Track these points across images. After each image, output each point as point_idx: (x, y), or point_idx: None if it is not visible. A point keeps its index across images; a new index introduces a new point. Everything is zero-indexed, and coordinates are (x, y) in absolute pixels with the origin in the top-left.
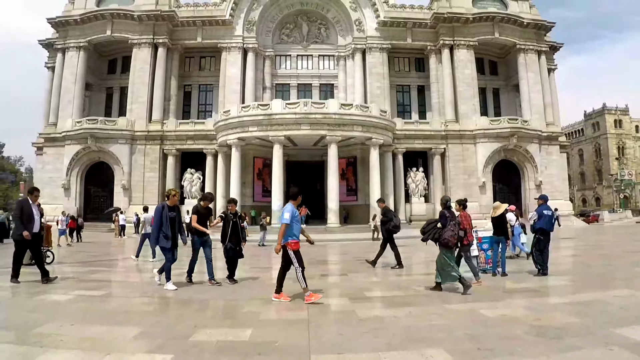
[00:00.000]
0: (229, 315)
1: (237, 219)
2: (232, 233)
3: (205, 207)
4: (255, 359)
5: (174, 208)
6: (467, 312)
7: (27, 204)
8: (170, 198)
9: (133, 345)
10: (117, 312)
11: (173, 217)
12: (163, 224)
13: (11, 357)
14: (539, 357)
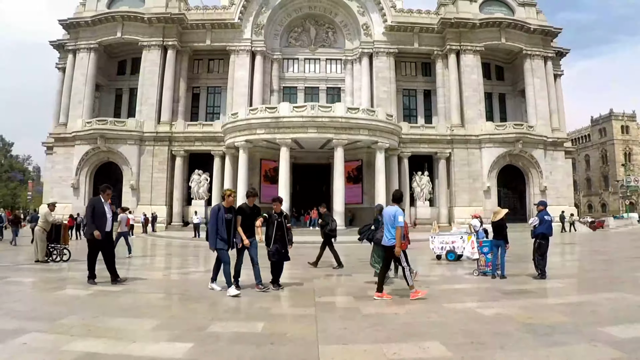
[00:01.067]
0: (241, 310)
1: (283, 219)
2: (277, 235)
3: (252, 205)
4: (268, 348)
5: (230, 209)
6: (463, 311)
7: (100, 202)
8: (225, 199)
9: (154, 335)
10: (135, 306)
11: (229, 219)
12: (219, 226)
13: (43, 344)
14: (526, 351)
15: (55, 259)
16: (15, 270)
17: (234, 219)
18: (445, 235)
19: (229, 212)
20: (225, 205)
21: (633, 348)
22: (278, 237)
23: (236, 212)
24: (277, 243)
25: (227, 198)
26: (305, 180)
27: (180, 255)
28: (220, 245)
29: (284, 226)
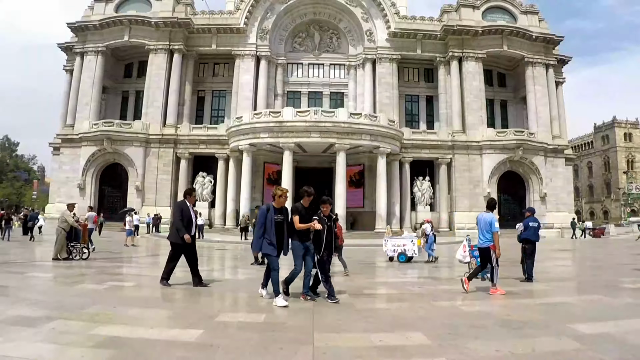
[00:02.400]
0: (244, 304)
1: (332, 223)
2: (327, 238)
3: (308, 205)
4: (270, 334)
5: (281, 210)
6: (448, 308)
7: (186, 206)
8: (276, 199)
9: (169, 323)
10: (148, 299)
11: (280, 220)
12: (267, 229)
13: (71, 328)
14: (497, 341)
15: (75, 257)
16: (37, 267)
17: (286, 221)
18: (397, 239)
19: (280, 214)
20: (276, 205)
21: (593, 341)
22: (328, 241)
23: (292, 213)
24: (327, 249)
25: (278, 198)
26: (307, 183)
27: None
28: (268, 250)
29: (333, 231)
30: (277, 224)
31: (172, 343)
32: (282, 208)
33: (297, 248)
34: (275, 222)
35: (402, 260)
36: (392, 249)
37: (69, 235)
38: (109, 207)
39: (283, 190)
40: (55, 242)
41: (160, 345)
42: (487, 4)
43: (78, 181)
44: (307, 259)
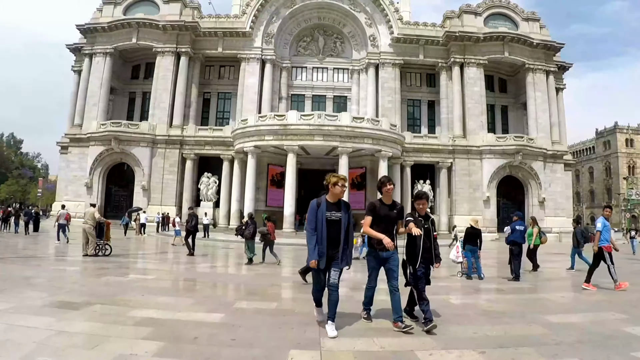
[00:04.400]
0: (258, 293)
1: (431, 225)
2: (424, 245)
3: (390, 201)
4: (281, 318)
5: (338, 205)
6: (438, 301)
7: None
8: (330, 189)
9: (194, 308)
10: (170, 289)
11: (336, 219)
12: (318, 231)
13: (110, 311)
14: (475, 326)
15: (98, 253)
16: (62, 261)
17: (344, 219)
18: None
19: (336, 209)
20: (330, 199)
21: (559, 328)
22: (425, 249)
23: (366, 211)
24: (423, 259)
25: (333, 188)
26: (310, 185)
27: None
28: (313, 257)
29: (431, 235)
30: (330, 224)
31: (200, 323)
32: (339, 202)
33: (372, 259)
34: (327, 221)
35: None
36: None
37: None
38: (116, 205)
39: (339, 177)
40: (84, 240)
41: (191, 325)
42: (489, 11)
43: (85, 180)
44: (388, 272)
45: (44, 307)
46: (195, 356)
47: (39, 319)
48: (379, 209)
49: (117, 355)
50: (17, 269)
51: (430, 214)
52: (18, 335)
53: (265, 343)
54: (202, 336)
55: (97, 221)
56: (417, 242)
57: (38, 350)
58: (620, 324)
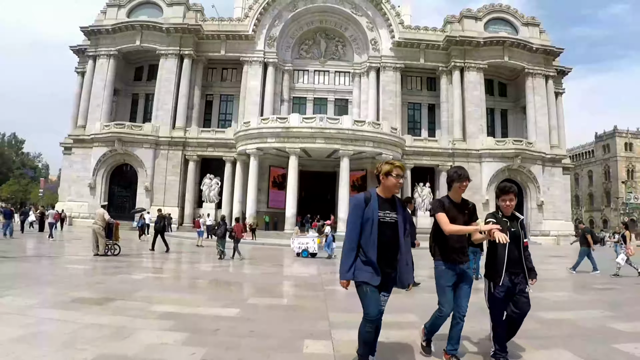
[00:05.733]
0: (268, 289)
1: (519, 228)
2: (510, 255)
3: (460, 200)
4: (292, 313)
5: (392, 203)
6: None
7: None
8: (382, 179)
9: (210, 303)
10: (184, 286)
11: (392, 221)
12: (365, 236)
13: (132, 306)
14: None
15: (107, 253)
16: (80, 261)
17: (402, 222)
18: (301, 237)
19: (390, 208)
20: (383, 193)
21: (551, 324)
22: (513, 260)
23: (434, 210)
24: (509, 272)
25: (386, 178)
26: (311, 187)
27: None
28: (364, 275)
29: (521, 243)
30: (383, 226)
31: (218, 317)
32: (394, 198)
33: (443, 274)
34: (380, 223)
35: (304, 256)
36: (297, 246)
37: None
38: (119, 206)
39: (394, 164)
40: (94, 240)
41: (209, 318)
42: (489, 16)
43: (89, 180)
44: (461, 293)
45: (67, 302)
46: (218, 345)
47: (66, 313)
48: (447, 208)
49: (148, 344)
50: (31, 268)
51: (519, 214)
52: (50, 328)
53: (281, 334)
54: (222, 328)
55: (107, 222)
56: (499, 251)
57: (73, 340)
58: (607, 321)
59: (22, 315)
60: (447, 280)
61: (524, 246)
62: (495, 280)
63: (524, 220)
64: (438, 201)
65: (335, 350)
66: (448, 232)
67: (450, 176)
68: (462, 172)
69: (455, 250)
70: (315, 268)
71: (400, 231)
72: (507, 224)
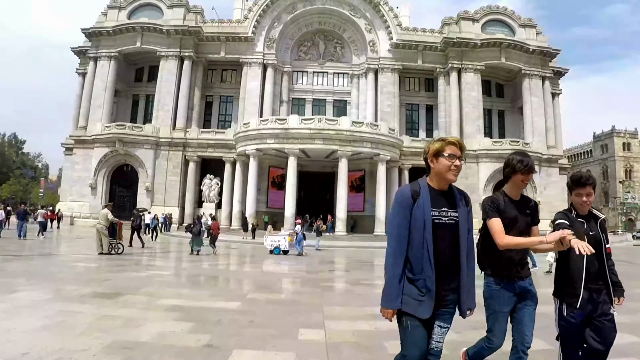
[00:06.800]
0: (267, 286)
1: (600, 231)
2: (589, 265)
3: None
4: (290, 307)
5: (451, 197)
6: None
7: None
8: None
9: (212, 298)
10: (187, 282)
11: (451, 222)
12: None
13: (139, 300)
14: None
15: (111, 251)
16: (86, 260)
17: (464, 223)
18: (273, 236)
19: (447, 204)
20: (434, 182)
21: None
22: (593, 273)
23: (486, 214)
24: (590, 290)
25: (436, 160)
26: (310, 187)
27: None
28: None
29: (604, 250)
30: (439, 233)
31: (221, 309)
32: (451, 190)
33: (497, 295)
34: (435, 225)
35: (276, 253)
36: (270, 244)
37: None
38: (119, 206)
39: (446, 139)
40: (98, 239)
41: (213, 311)
42: (486, 17)
43: (90, 181)
44: (524, 318)
45: (80, 297)
46: (222, 333)
47: (81, 306)
48: (504, 207)
49: (158, 332)
50: (40, 266)
51: (599, 212)
52: (68, 319)
53: (278, 324)
54: (225, 319)
55: (111, 222)
56: (574, 261)
57: (91, 329)
58: None
59: (41, 309)
60: (502, 305)
61: (606, 253)
62: (570, 301)
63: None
64: (490, 200)
65: (327, 337)
66: (503, 246)
67: (510, 165)
68: (527, 161)
69: (513, 263)
70: (287, 264)
71: (462, 236)
72: (584, 225)
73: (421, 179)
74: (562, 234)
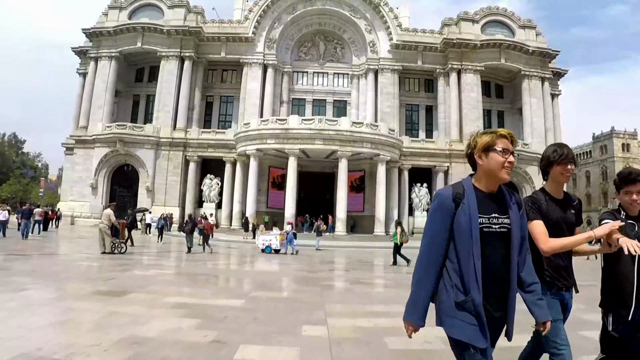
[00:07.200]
0: (269, 285)
1: None
2: None
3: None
4: (292, 304)
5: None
6: None
7: None
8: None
9: (216, 296)
10: (190, 281)
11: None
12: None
13: (145, 298)
14: None
15: (114, 251)
16: (90, 259)
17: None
18: (265, 235)
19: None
20: (482, 183)
21: (524, 313)
22: None
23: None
24: None
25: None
26: (310, 187)
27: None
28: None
29: None
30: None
31: (225, 307)
32: (501, 192)
33: (551, 303)
34: (484, 234)
35: (267, 251)
36: (262, 243)
37: (112, 232)
38: (120, 206)
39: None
40: (101, 239)
41: (217, 308)
42: (486, 18)
43: (90, 181)
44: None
45: (86, 295)
46: (227, 329)
47: (88, 304)
48: (546, 208)
49: (165, 329)
50: (44, 265)
51: None
52: (76, 316)
53: (282, 321)
54: (230, 316)
55: (112, 223)
56: (624, 267)
57: (101, 326)
58: (579, 313)
59: (49, 306)
60: (557, 312)
61: None
62: (620, 312)
63: None
64: (530, 201)
65: (329, 334)
66: (548, 251)
67: (544, 156)
68: (563, 150)
69: (558, 271)
70: (284, 263)
71: (514, 247)
72: (635, 227)
73: (465, 180)
74: (612, 226)
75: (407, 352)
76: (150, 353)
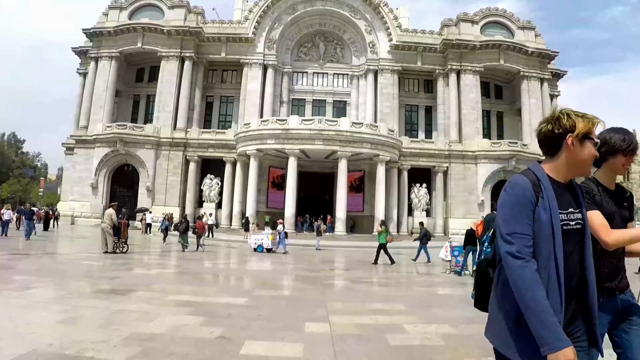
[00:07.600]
0: (272, 283)
1: None
2: None
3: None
4: (294, 302)
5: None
6: (426, 291)
7: None
8: (582, 147)
9: (220, 294)
10: (193, 280)
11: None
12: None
13: (151, 295)
14: (451, 308)
15: (116, 250)
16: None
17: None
18: (257, 235)
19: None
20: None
21: None
22: None
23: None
24: None
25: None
26: (310, 187)
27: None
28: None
29: None
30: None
31: (229, 304)
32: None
33: None
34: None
35: (259, 251)
36: (254, 242)
37: (113, 231)
38: (120, 206)
39: (594, 120)
40: (103, 238)
41: (222, 305)
42: (485, 19)
43: (91, 180)
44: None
45: (93, 293)
46: (232, 326)
47: (95, 302)
48: (600, 199)
49: (173, 325)
50: (49, 264)
51: None
52: (85, 313)
53: (286, 318)
54: (234, 313)
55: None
56: None
57: (108, 323)
58: None
59: (57, 304)
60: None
61: None
62: None
63: None
64: (585, 191)
65: (332, 330)
66: (612, 244)
67: (608, 143)
68: (632, 139)
69: (607, 272)
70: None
71: (588, 245)
72: None
73: (534, 166)
74: None
75: (408, 348)
76: (159, 348)
